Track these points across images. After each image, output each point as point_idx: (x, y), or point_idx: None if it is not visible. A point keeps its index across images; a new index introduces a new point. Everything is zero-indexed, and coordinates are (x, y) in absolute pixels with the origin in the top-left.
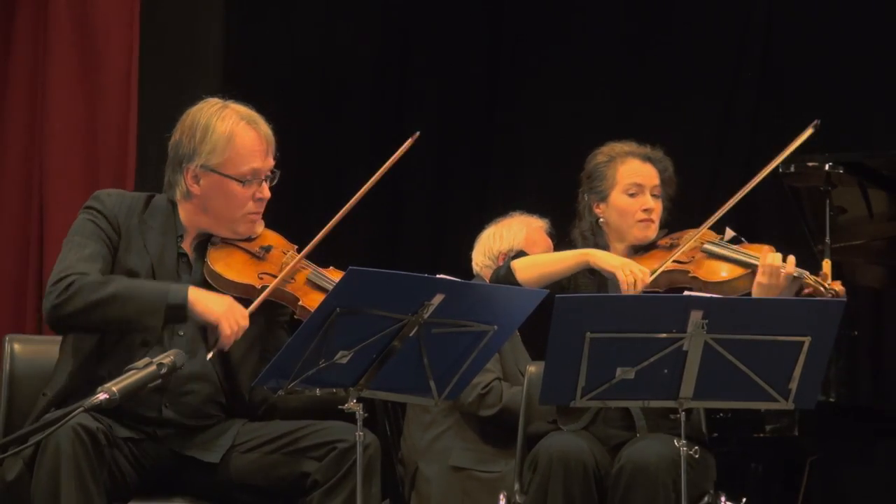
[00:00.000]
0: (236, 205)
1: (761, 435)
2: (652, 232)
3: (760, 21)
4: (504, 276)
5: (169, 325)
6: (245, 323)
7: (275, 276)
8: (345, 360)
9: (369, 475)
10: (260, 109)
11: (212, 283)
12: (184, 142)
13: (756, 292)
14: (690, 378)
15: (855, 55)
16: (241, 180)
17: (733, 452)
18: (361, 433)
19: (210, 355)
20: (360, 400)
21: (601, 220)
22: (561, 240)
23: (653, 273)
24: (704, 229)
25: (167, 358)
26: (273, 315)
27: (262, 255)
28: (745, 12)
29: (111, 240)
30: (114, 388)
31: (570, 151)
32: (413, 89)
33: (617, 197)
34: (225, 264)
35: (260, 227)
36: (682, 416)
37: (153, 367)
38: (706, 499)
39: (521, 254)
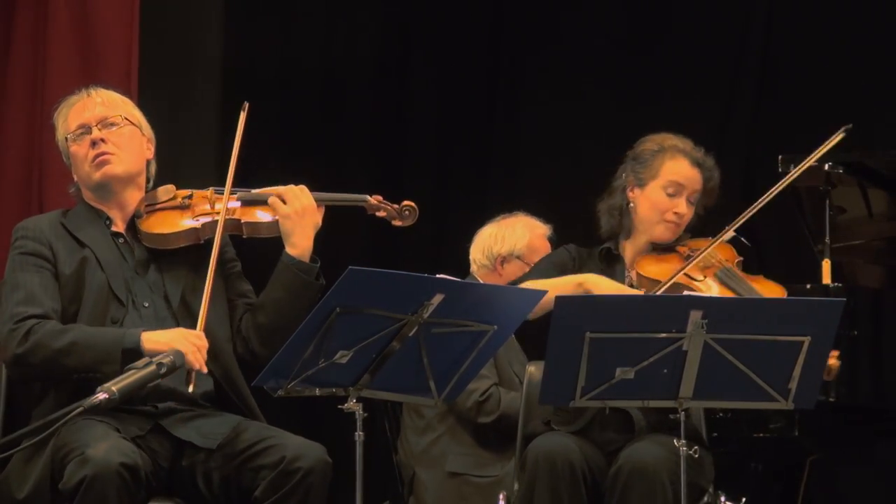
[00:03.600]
0: (81, 160)
1: (761, 435)
2: (675, 236)
3: (760, 22)
4: None
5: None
6: (202, 342)
7: (208, 213)
8: (344, 360)
9: (306, 498)
10: (259, 108)
11: (159, 247)
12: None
13: None
14: (690, 378)
15: (855, 55)
16: (74, 139)
17: (733, 452)
18: (361, 434)
19: (191, 388)
20: (359, 400)
21: (631, 204)
22: (558, 245)
23: (660, 283)
24: (719, 240)
25: (167, 358)
26: (225, 270)
27: (186, 203)
28: (745, 13)
29: (46, 258)
30: (113, 388)
31: (570, 151)
32: (413, 88)
33: (654, 190)
34: (160, 224)
35: (119, 168)
36: (682, 415)
37: (153, 367)
38: (705, 498)
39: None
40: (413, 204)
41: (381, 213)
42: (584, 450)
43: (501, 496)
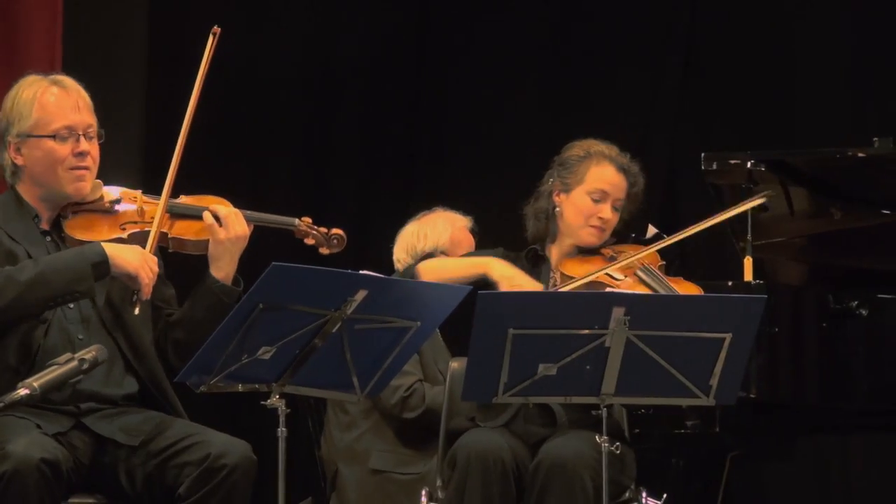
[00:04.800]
0: (56, 161)
1: (682, 431)
2: (600, 241)
3: (684, 20)
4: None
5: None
6: (157, 269)
7: (136, 223)
8: (267, 356)
9: (231, 495)
10: (184, 96)
11: None
12: (0, 119)
13: None
14: (612, 374)
15: (777, 53)
16: (54, 136)
17: (654, 448)
18: (284, 430)
19: (136, 310)
20: (282, 396)
21: (557, 209)
22: (482, 237)
23: (577, 279)
24: (647, 252)
25: (89, 353)
26: None
27: (112, 208)
28: (669, 8)
29: None
30: (35, 384)
31: (495, 148)
32: (337, 82)
33: (579, 195)
34: (84, 230)
35: (90, 187)
36: (604, 412)
37: (74, 363)
38: (627, 495)
39: (429, 256)
40: (342, 232)
41: (309, 240)
42: (511, 445)
43: (424, 493)
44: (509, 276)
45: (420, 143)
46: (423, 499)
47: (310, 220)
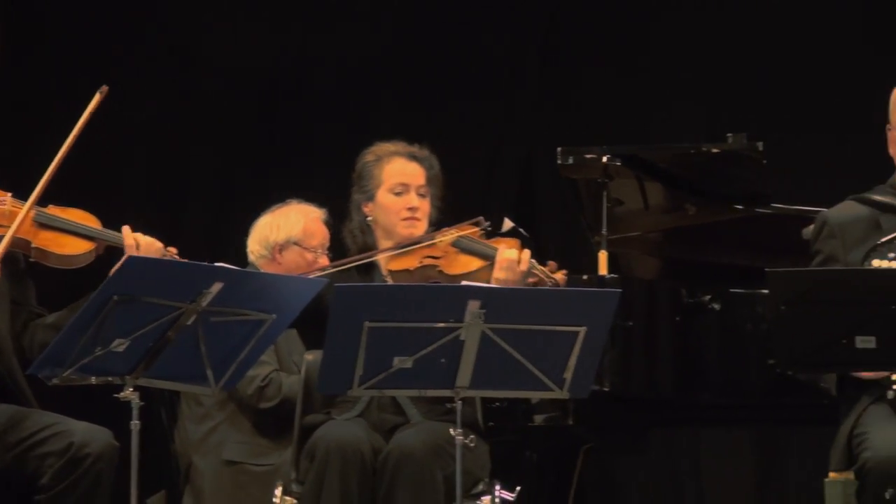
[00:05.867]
0: None
1: (536, 424)
2: (418, 230)
3: (542, 14)
4: None
5: None
6: None
7: None
8: (121, 349)
9: (96, 484)
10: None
11: None
12: None
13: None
14: (467, 367)
15: (634, 50)
16: None
17: (508, 441)
18: (137, 423)
19: None
20: (136, 388)
21: (370, 218)
22: (337, 229)
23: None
24: (461, 227)
25: None
26: (10, 269)
27: None
28: (527, 11)
29: None
30: None
31: (352, 143)
32: (193, 76)
33: (383, 196)
34: None
35: None
36: (459, 405)
37: None
38: (480, 487)
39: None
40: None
41: None
42: (370, 436)
43: (278, 485)
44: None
45: (277, 136)
46: (278, 491)
47: (174, 251)
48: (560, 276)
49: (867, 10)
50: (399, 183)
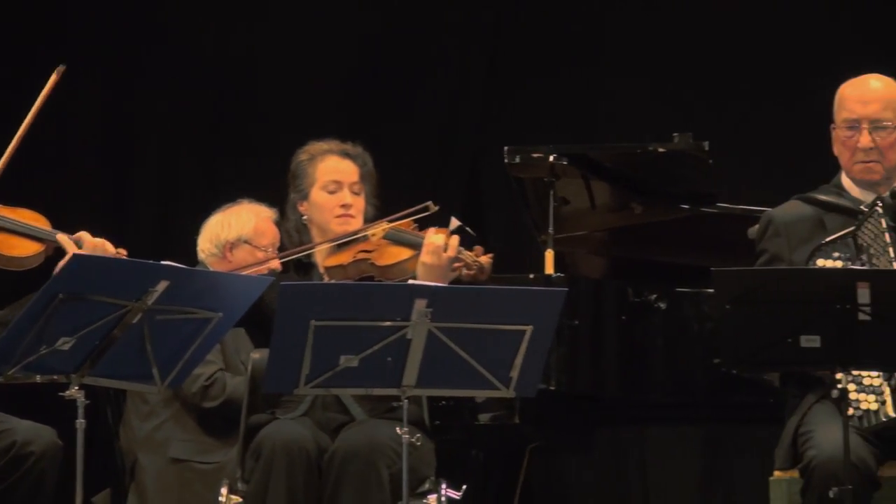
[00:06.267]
0: None
1: (482, 423)
2: (352, 227)
3: (490, 13)
4: None
5: None
6: None
7: None
8: (66, 347)
9: (39, 483)
10: None
11: None
12: None
13: (420, 272)
14: (414, 366)
15: (583, 49)
16: None
17: (455, 440)
18: (83, 421)
19: None
20: (82, 387)
21: (305, 217)
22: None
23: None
24: (385, 221)
25: None
26: None
27: None
28: (474, 13)
29: None
30: None
31: (302, 143)
32: (138, 76)
33: (317, 194)
34: None
35: None
36: (405, 403)
37: None
38: (426, 485)
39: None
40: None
41: None
42: (315, 435)
43: (224, 484)
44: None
45: (227, 135)
46: (224, 490)
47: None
48: (485, 259)
49: (814, 10)
50: (332, 180)
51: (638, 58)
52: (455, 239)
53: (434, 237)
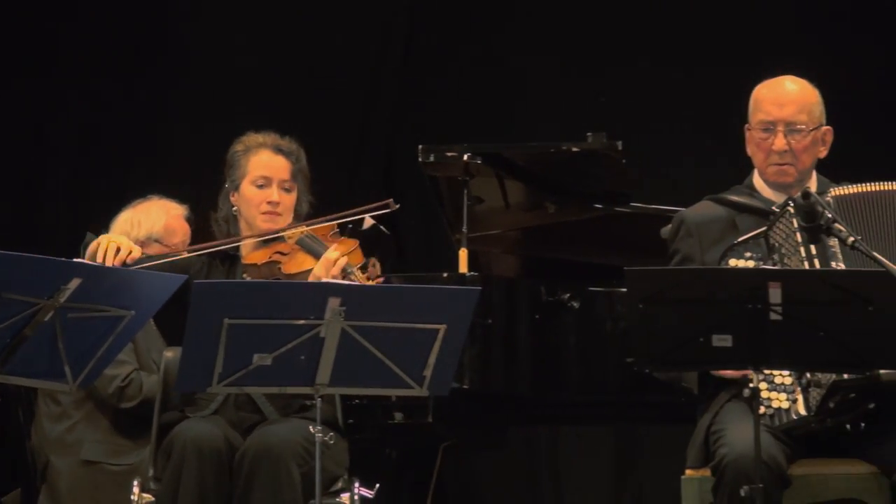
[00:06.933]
0: None
1: (396, 421)
2: (277, 224)
3: (403, 18)
4: None
5: None
6: None
7: None
8: None
9: None
10: None
11: None
12: None
13: None
14: (327, 364)
15: (497, 48)
16: None
17: (368, 438)
18: None
19: None
20: None
21: (235, 209)
22: (198, 225)
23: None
24: (315, 224)
25: None
26: None
27: None
28: (389, 8)
29: None
30: None
31: (213, 139)
32: (54, 70)
33: (246, 187)
34: None
35: None
36: (318, 402)
37: None
38: (339, 484)
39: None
40: None
41: None
42: (226, 433)
43: (136, 483)
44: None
45: (138, 130)
46: (136, 489)
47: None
48: (377, 283)
49: (728, 10)
50: (261, 175)
51: (554, 55)
52: (343, 260)
53: (330, 253)
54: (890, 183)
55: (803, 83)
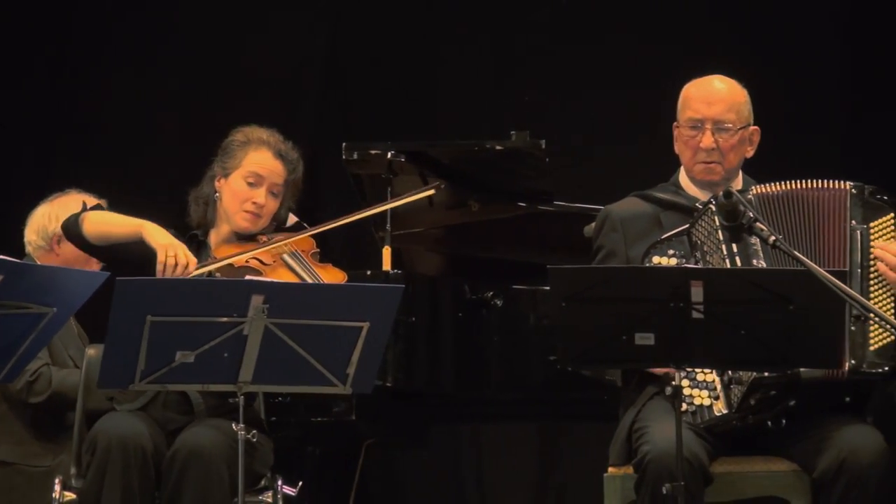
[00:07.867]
0: None
1: (319, 419)
2: (256, 226)
3: (328, 18)
4: (73, 223)
5: None
6: None
7: None
8: None
9: None
10: None
11: None
12: None
13: None
14: (250, 362)
15: (421, 45)
16: None
17: (291, 436)
18: None
19: None
20: None
21: (217, 194)
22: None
23: (220, 259)
24: (298, 236)
25: None
26: None
27: None
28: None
29: None
30: None
31: (134, 135)
32: None
33: (236, 179)
34: None
35: None
36: (241, 400)
37: None
38: (263, 483)
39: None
40: None
41: None
42: (151, 432)
43: (57, 481)
44: (164, 245)
45: (58, 124)
46: (57, 486)
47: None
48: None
49: (654, 8)
50: (255, 173)
51: (477, 54)
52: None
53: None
54: (811, 181)
55: (732, 83)
